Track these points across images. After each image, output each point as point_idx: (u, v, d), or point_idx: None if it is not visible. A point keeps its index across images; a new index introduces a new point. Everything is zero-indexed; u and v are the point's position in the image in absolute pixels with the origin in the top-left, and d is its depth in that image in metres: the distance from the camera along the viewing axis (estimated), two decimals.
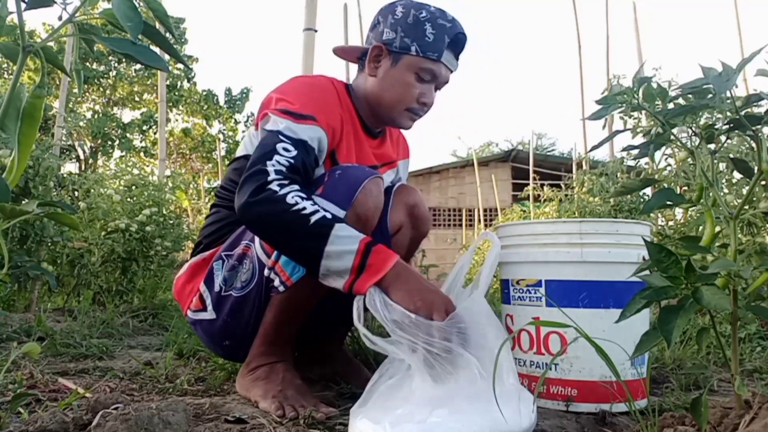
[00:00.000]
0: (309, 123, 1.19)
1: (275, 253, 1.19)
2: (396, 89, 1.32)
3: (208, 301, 1.28)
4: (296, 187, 1.09)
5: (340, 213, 1.12)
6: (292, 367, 1.25)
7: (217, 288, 1.26)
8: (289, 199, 1.06)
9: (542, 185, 5.89)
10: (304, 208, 1.05)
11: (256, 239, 1.23)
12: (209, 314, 1.27)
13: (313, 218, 1.04)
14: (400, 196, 1.36)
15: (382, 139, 1.47)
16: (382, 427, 0.87)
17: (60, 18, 0.78)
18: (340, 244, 1.04)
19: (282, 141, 1.14)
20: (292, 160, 1.12)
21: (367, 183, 1.16)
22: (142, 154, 14.34)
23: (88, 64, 12.76)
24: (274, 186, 1.07)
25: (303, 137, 1.16)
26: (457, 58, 1.37)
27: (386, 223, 1.29)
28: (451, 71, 1.37)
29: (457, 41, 1.34)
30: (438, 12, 1.31)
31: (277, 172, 1.09)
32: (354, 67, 1.45)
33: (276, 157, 1.11)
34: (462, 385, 0.94)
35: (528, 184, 6.19)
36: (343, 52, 1.45)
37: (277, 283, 1.20)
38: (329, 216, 1.06)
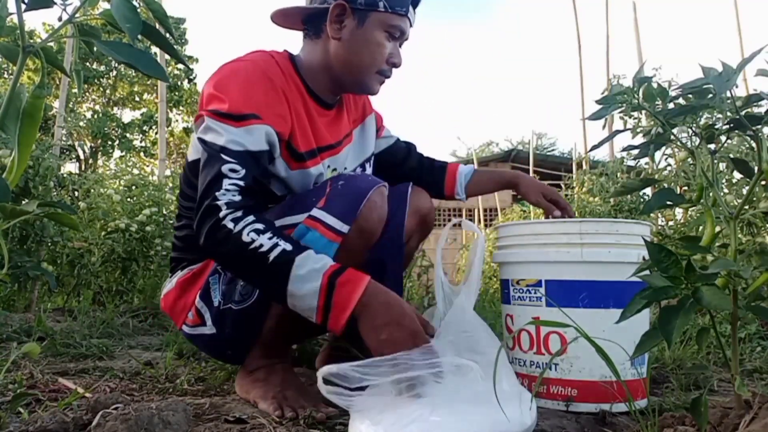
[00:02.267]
0: (252, 123, 1.08)
1: None
2: (367, 51, 1.22)
3: (207, 316, 1.22)
4: (251, 218, 1.01)
5: (344, 228, 1.08)
6: (291, 368, 1.25)
7: (216, 303, 1.21)
8: (245, 237, 0.99)
9: None
10: (261, 245, 0.98)
11: None
12: (209, 329, 1.22)
13: (272, 256, 0.98)
14: (415, 201, 1.34)
15: (339, 109, 1.35)
16: (383, 427, 0.87)
17: (60, 18, 0.78)
18: (301, 282, 0.97)
19: (227, 161, 1.04)
20: (241, 182, 1.04)
21: (372, 195, 1.11)
22: (142, 154, 14.34)
23: (88, 64, 12.77)
24: (228, 223, 1.00)
25: (249, 147, 1.07)
26: (414, 12, 1.29)
27: (402, 231, 1.27)
28: (411, 27, 1.28)
29: None
30: None
31: (228, 205, 1.01)
32: None
33: (224, 183, 1.03)
34: (462, 386, 0.94)
35: None
36: (283, 18, 1.28)
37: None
38: (288, 248, 0.99)
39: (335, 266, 1.00)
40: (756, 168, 0.81)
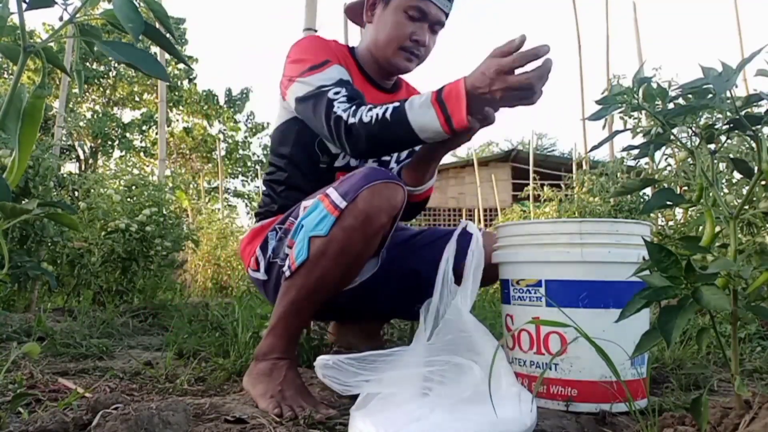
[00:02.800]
0: (330, 65, 1.33)
1: (296, 236, 1.24)
2: (388, 29, 1.41)
3: (262, 264, 1.40)
4: (362, 108, 1.21)
5: (342, 203, 1.16)
6: (295, 367, 1.25)
7: (268, 254, 1.38)
8: (365, 119, 1.19)
9: (542, 185, 5.88)
10: (377, 115, 1.18)
11: (290, 214, 1.34)
12: (262, 275, 1.41)
13: (388, 115, 1.18)
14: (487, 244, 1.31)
15: (393, 94, 1.54)
16: (383, 427, 0.87)
17: (61, 18, 0.78)
18: (419, 117, 1.16)
19: (328, 91, 1.27)
20: (345, 94, 1.26)
21: (379, 184, 1.17)
22: (142, 154, 14.34)
23: (88, 64, 12.77)
24: (352, 121, 1.21)
25: (337, 77, 1.30)
26: (450, 1, 1.44)
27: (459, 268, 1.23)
28: (444, 11, 1.43)
29: None
30: None
31: (344, 111, 1.22)
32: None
33: (334, 103, 1.24)
34: (462, 386, 0.94)
35: (528, 184, 6.18)
36: (351, 13, 1.54)
37: (285, 267, 1.26)
38: (396, 105, 1.18)
39: (434, 92, 1.17)
40: (756, 168, 0.81)
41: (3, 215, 0.81)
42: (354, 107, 1.22)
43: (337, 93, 1.26)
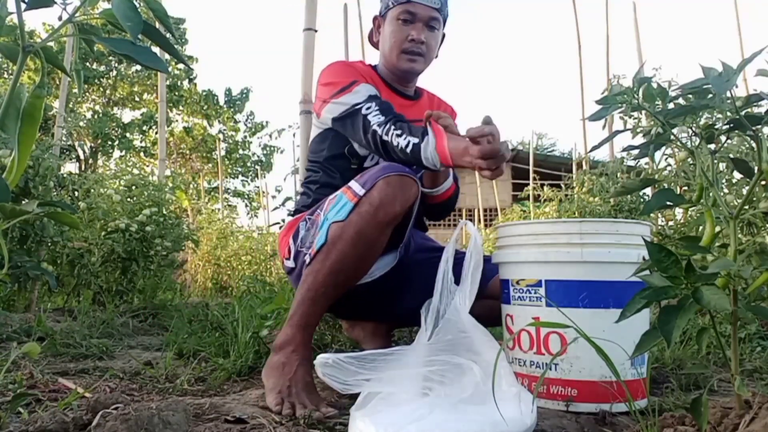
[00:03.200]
0: (358, 84, 1.48)
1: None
2: (388, 39, 1.60)
3: (292, 253, 1.51)
4: (392, 128, 1.36)
5: (361, 191, 1.29)
6: (307, 361, 1.27)
7: (298, 243, 1.49)
8: (394, 142, 1.35)
9: (542, 185, 5.88)
10: (400, 145, 1.34)
11: (324, 209, 1.41)
12: (291, 263, 1.51)
13: (408, 149, 1.33)
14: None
15: (416, 102, 1.70)
16: (383, 427, 0.87)
17: (60, 18, 0.78)
18: (428, 159, 1.31)
19: (361, 108, 1.43)
20: (377, 108, 1.41)
21: (394, 176, 1.28)
22: (142, 154, 14.34)
23: (88, 64, 12.76)
24: (385, 137, 1.36)
25: (367, 94, 1.46)
26: None
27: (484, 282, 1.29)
28: (432, 7, 1.57)
29: None
30: None
31: (379, 125, 1.38)
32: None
33: (369, 118, 1.40)
34: (463, 387, 0.94)
35: (528, 184, 6.18)
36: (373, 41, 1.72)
37: (304, 253, 1.37)
38: (415, 141, 1.32)
39: (439, 142, 1.31)
40: (756, 168, 0.81)
41: (3, 215, 0.81)
42: (386, 124, 1.37)
43: (368, 108, 1.42)
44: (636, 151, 0.96)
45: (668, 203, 0.91)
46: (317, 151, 1.67)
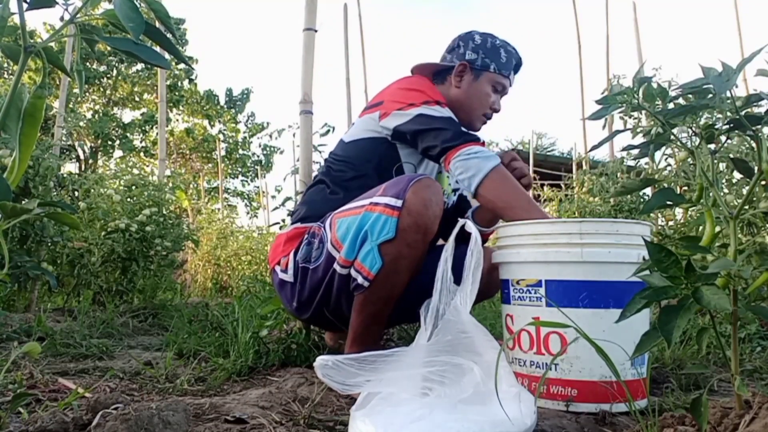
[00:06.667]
0: (445, 106, 1.56)
1: (355, 251, 1.34)
2: (477, 98, 1.67)
3: (290, 267, 1.50)
4: (468, 148, 1.46)
5: (398, 203, 1.30)
6: None
7: (298, 258, 1.49)
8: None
9: (542, 185, 5.88)
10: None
11: (327, 225, 1.44)
12: (289, 277, 1.50)
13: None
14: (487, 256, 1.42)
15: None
16: (383, 427, 0.87)
17: (62, 18, 0.78)
18: None
19: (448, 123, 1.51)
20: (461, 132, 1.49)
21: (417, 179, 1.33)
22: (142, 154, 14.33)
23: (88, 64, 12.76)
24: (458, 161, 1.45)
25: (451, 116, 1.55)
26: (514, 75, 1.74)
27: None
28: (511, 86, 1.74)
29: (518, 64, 1.73)
30: (506, 41, 1.70)
31: (453, 149, 1.46)
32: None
33: (454, 138, 1.47)
34: (463, 387, 0.94)
35: None
36: (419, 68, 1.75)
37: (360, 280, 1.34)
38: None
39: None
40: (756, 168, 0.81)
41: (3, 215, 0.81)
42: (462, 158, 1.44)
43: (453, 125, 1.50)
44: (636, 151, 0.96)
45: (668, 203, 0.91)
46: (361, 156, 1.62)
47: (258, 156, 16.90)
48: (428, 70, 1.74)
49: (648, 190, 3.31)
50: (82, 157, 12.58)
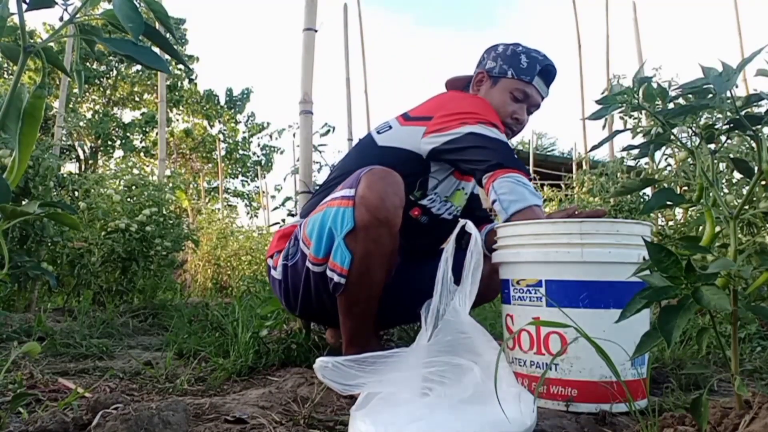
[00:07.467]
0: (502, 131, 1.50)
1: (322, 248, 1.35)
2: (494, 105, 1.58)
3: (279, 264, 1.53)
4: (511, 198, 1.39)
5: (351, 192, 1.30)
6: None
7: (284, 257, 1.51)
8: (504, 203, 1.40)
9: (542, 185, 5.88)
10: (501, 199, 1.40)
11: (302, 223, 1.47)
12: (278, 274, 1.54)
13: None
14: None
15: None
16: (383, 427, 0.87)
17: (61, 19, 0.78)
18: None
19: (495, 141, 1.44)
20: (517, 159, 1.44)
21: (369, 170, 1.31)
22: (142, 154, 14.34)
23: (88, 64, 12.76)
24: (496, 194, 1.40)
25: (505, 139, 1.49)
26: (547, 87, 1.64)
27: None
28: (542, 97, 1.63)
29: (548, 71, 1.62)
30: (532, 48, 1.62)
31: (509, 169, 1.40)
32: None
33: (510, 161, 1.41)
34: (463, 387, 0.94)
35: None
36: (452, 81, 1.74)
37: (336, 278, 1.34)
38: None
39: None
40: (756, 168, 0.81)
41: (4, 216, 0.81)
42: (512, 180, 1.39)
43: (510, 149, 1.45)
44: (636, 151, 0.96)
45: (668, 203, 0.91)
46: (393, 164, 1.48)
47: (258, 156, 16.91)
48: (461, 84, 1.72)
49: (648, 190, 3.31)
50: (82, 157, 12.59)
